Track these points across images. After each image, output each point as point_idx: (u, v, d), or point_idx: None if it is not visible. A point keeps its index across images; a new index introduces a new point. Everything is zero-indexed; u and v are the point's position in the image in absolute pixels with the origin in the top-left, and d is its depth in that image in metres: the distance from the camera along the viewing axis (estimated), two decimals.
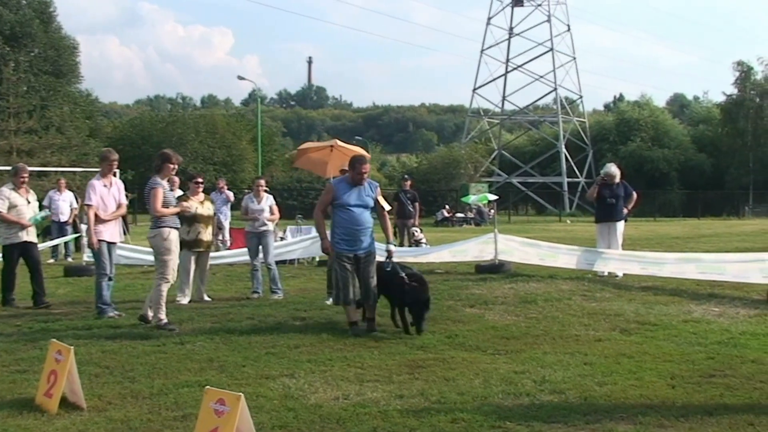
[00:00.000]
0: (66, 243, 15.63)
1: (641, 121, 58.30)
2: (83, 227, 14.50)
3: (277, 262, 13.95)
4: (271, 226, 10.34)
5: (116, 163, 8.73)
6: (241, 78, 49.53)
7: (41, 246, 14.33)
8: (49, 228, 15.88)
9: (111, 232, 8.50)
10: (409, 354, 6.26)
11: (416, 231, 15.75)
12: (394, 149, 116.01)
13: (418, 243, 15.49)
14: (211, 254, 12.84)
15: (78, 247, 15.31)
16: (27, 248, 9.42)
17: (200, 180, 9.79)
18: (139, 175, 41.29)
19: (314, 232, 15.53)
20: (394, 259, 7.54)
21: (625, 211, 11.78)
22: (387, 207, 7.48)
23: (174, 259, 7.74)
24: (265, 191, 10.42)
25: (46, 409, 4.65)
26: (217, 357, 6.14)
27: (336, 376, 5.50)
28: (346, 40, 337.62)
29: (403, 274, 7.23)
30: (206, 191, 9.98)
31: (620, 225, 11.72)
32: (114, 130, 56.33)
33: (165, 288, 7.63)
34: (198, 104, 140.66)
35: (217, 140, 52.61)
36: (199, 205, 9.43)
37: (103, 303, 8.28)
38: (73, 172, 27.32)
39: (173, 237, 7.76)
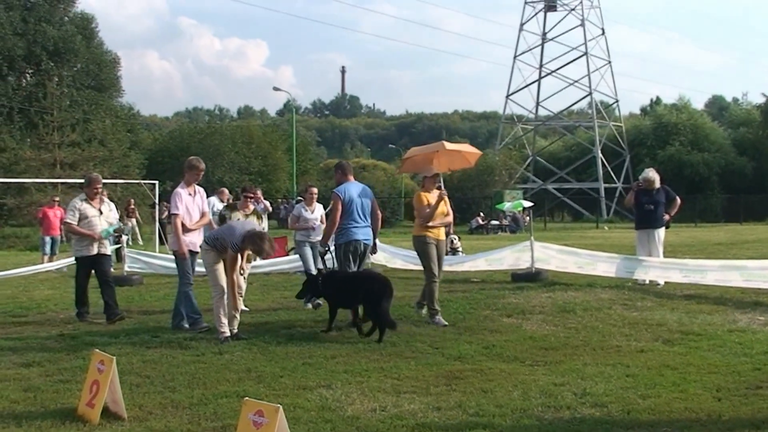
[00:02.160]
0: None
1: (679, 124, 57.23)
2: (124, 238, 14.78)
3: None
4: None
5: (203, 172, 8.62)
6: (276, 89, 49.98)
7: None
8: None
9: (195, 241, 8.39)
10: (446, 365, 6.21)
11: (454, 239, 15.68)
12: None
13: (455, 251, 15.42)
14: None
15: (119, 258, 15.55)
16: (98, 261, 9.12)
17: (251, 195, 9.77)
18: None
19: None
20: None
21: (667, 217, 11.57)
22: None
23: (216, 272, 7.54)
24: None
25: (88, 419, 4.70)
26: (255, 367, 6.16)
27: (373, 388, 5.48)
28: (379, 49, 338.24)
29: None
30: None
31: (661, 232, 11.52)
32: (154, 142, 57.14)
33: (217, 301, 7.44)
34: (234, 115, 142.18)
35: (253, 150, 53.12)
36: (242, 217, 9.42)
37: (194, 313, 8.20)
38: (115, 183, 27.79)
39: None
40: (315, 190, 10.41)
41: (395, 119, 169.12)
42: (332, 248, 8.31)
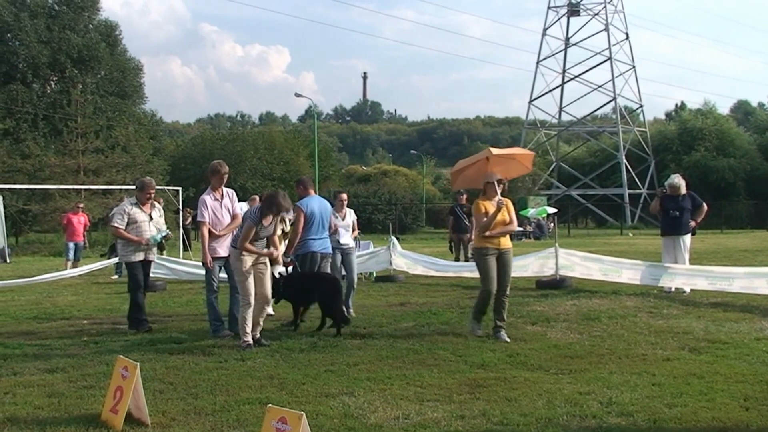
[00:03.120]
0: None
1: (705, 129, 56.64)
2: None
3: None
4: (353, 243, 9.98)
5: (227, 175, 8.34)
6: (298, 95, 50.42)
7: (105, 263, 14.76)
8: (113, 245, 16.38)
9: (226, 246, 8.07)
10: (469, 373, 6.16)
11: None
12: (449, 162, 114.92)
13: None
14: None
15: None
16: (142, 267, 8.94)
17: None
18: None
19: (372, 248, 15.52)
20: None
21: (693, 223, 11.43)
22: None
23: (246, 282, 7.39)
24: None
25: (112, 425, 4.71)
26: (277, 374, 6.15)
27: (395, 395, 5.44)
28: (400, 55, 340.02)
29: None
30: None
31: (687, 239, 11.39)
32: (176, 148, 57.58)
33: (244, 311, 7.33)
34: (256, 121, 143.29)
35: (275, 156, 53.34)
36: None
37: (217, 320, 8.07)
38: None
39: (248, 258, 7.44)
40: (345, 196, 10.22)
41: (417, 125, 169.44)
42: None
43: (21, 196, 30.89)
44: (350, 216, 9.96)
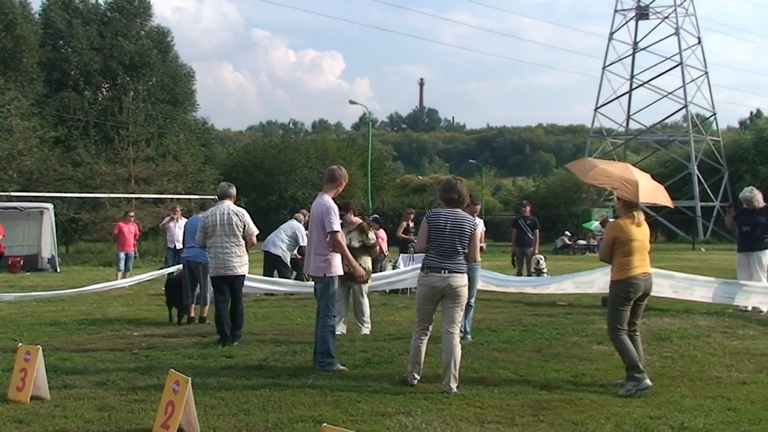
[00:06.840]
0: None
1: None
2: None
3: (390, 291, 13.78)
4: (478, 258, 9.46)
5: (345, 183, 7.31)
6: (352, 102, 50.59)
7: (156, 273, 14.72)
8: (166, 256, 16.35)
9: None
10: (532, 394, 5.91)
11: (540, 259, 15.18)
12: (510, 172, 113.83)
13: (539, 272, 14.91)
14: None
15: None
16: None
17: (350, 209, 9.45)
18: (251, 202, 41.81)
19: None
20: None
21: None
22: None
23: (425, 308, 6.42)
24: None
25: None
26: (331, 391, 6.00)
27: (454, 416, 5.25)
28: (458, 61, 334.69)
29: None
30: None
31: (762, 255, 10.87)
32: (228, 156, 56.85)
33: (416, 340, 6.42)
34: (309, 129, 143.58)
35: (328, 165, 52.89)
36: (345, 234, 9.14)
37: (329, 356, 6.96)
38: (189, 198, 28.19)
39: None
40: (479, 206, 9.37)
41: (475, 133, 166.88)
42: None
43: (72, 205, 30.76)
44: (480, 227, 8.93)
